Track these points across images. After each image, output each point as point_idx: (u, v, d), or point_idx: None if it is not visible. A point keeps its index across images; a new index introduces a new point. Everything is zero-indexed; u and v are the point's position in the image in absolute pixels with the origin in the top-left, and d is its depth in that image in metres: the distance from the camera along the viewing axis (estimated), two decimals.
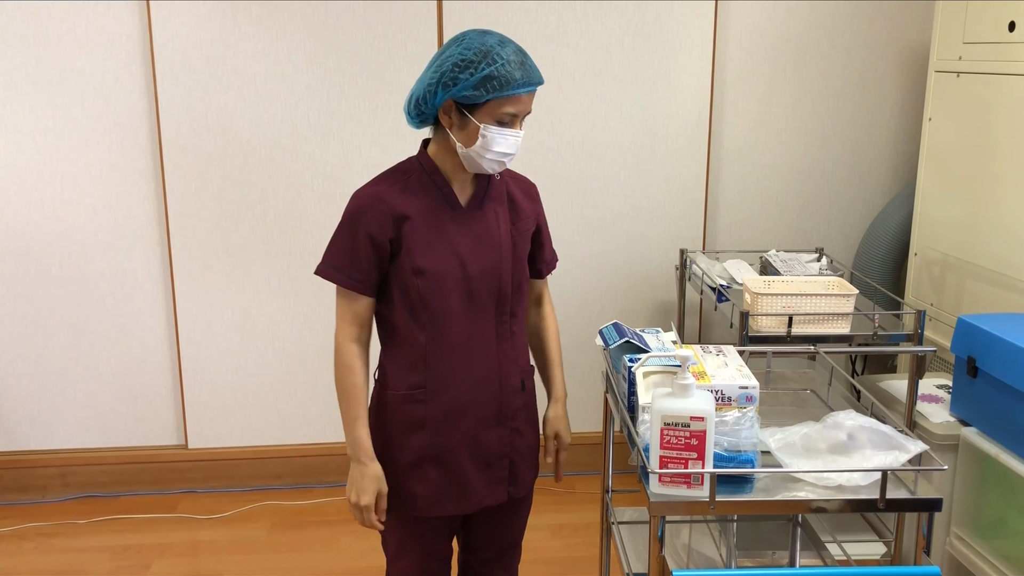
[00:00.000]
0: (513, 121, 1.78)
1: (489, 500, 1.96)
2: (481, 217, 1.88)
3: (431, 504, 1.92)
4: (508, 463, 1.97)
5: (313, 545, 3.13)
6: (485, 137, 1.76)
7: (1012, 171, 2.64)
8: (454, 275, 1.84)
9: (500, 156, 1.79)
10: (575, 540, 3.14)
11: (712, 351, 1.94)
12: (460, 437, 1.91)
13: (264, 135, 3.25)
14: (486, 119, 1.76)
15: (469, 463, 1.92)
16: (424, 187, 1.86)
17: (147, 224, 3.30)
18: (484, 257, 1.87)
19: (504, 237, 1.89)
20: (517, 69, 1.74)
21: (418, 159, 1.89)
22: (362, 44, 3.22)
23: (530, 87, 1.76)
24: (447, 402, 1.89)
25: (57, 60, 3.15)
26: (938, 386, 2.75)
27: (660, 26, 3.30)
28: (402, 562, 2.01)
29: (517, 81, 1.73)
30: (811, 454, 1.66)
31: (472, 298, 1.87)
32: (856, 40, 3.41)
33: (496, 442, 1.95)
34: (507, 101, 1.75)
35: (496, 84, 1.72)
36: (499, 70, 1.72)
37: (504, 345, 1.93)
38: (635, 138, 3.39)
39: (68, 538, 3.19)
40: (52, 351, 3.37)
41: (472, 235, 1.87)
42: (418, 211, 1.83)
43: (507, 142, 1.78)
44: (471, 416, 1.91)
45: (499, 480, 1.97)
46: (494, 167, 1.82)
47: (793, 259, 3.07)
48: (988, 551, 2.33)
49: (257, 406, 3.47)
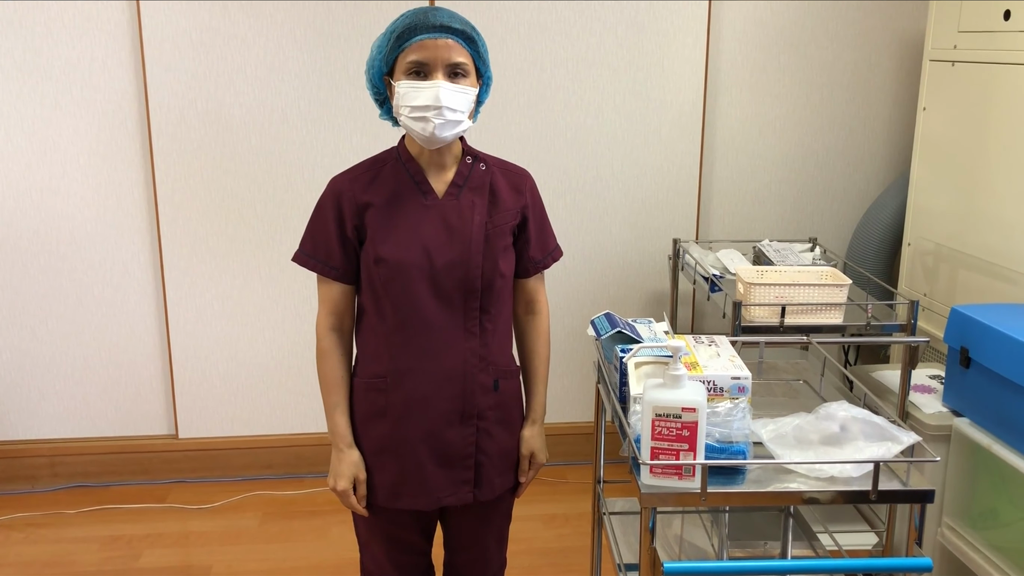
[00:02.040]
0: (427, 72, 1.71)
1: (452, 500, 1.90)
2: (455, 207, 1.82)
3: (389, 495, 1.89)
4: (473, 463, 1.90)
5: (304, 535, 3.12)
6: (399, 93, 1.72)
7: (1006, 161, 2.63)
8: (418, 265, 1.79)
9: (418, 112, 1.71)
10: (566, 530, 3.14)
11: (704, 341, 1.93)
12: (419, 431, 1.85)
13: (254, 124, 3.23)
14: (400, 77, 1.73)
15: (428, 458, 1.86)
16: (396, 175, 1.83)
17: (136, 213, 3.28)
18: (453, 249, 1.80)
19: (476, 229, 1.81)
20: (417, 16, 1.71)
21: (396, 148, 1.88)
22: (353, 32, 3.19)
23: (435, 33, 1.69)
24: (407, 393, 1.84)
25: (45, 48, 3.12)
26: (931, 376, 2.75)
27: (654, 15, 3.28)
28: (371, 549, 2.01)
29: (416, 27, 1.70)
30: (803, 445, 1.65)
31: (438, 291, 1.81)
32: (850, 29, 3.40)
33: (459, 440, 1.88)
34: (411, 50, 1.71)
35: (397, 37, 1.72)
36: (399, 23, 1.73)
37: (472, 342, 1.85)
38: (628, 127, 3.37)
39: (57, 528, 3.18)
40: (41, 340, 3.35)
41: (442, 225, 1.81)
42: (384, 199, 1.80)
43: (421, 95, 1.70)
44: (432, 410, 1.85)
45: (463, 481, 1.90)
46: (423, 129, 1.72)
47: (786, 249, 3.06)
48: (980, 542, 2.33)
49: (248, 396, 3.46)
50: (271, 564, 2.96)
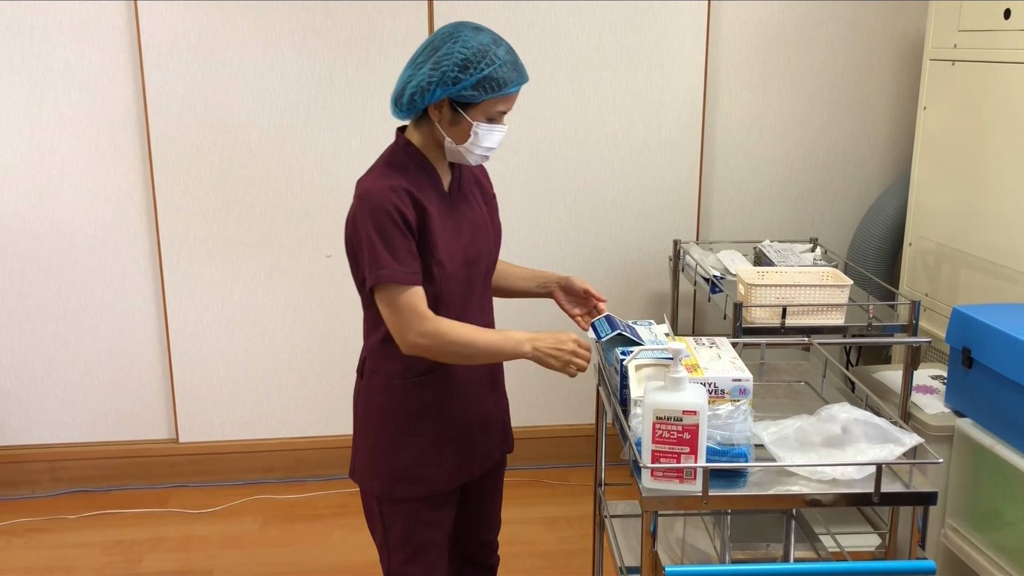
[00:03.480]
0: (500, 117, 1.86)
1: (489, 462, 2.07)
2: (466, 201, 1.96)
3: (450, 478, 1.98)
4: (501, 425, 2.10)
5: (305, 539, 3.12)
6: (477, 134, 1.83)
7: (1007, 160, 2.63)
8: (457, 260, 1.89)
9: (487, 151, 1.87)
10: (568, 533, 3.13)
11: (705, 343, 1.92)
12: (465, 411, 1.98)
13: (253, 126, 3.22)
14: (479, 117, 1.82)
15: (473, 432, 2.01)
16: (424, 179, 1.87)
17: (136, 217, 3.28)
18: (480, 239, 1.95)
19: (486, 217, 1.99)
20: (512, 70, 1.81)
21: (406, 152, 1.88)
22: (352, 34, 3.19)
23: (520, 86, 1.84)
24: (451, 382, 1.94)
25: (44, 51, 3.12)
26: (933, 377, 2.74)
27: (653, 15, 3.28)
28: (430, 553, 1.99)
29: (512, 81, 1.81)
30: (805, 447, 1.64)
31: (468, 279, 1.93)
32: (851, 28, 3.39)
33: (493, 407, 2.07)
34: (500, 100, 1.82)
35: (493, 85, 1.78)
36: (496, 71, 1.78)
37: (487, 316, 2.03)
38: (628, 128, 3.37)
39: (58, 533, 3.17)
40: (41, 345, 3.34)
41: (466, 220, 1.93)
42: (428, 203, 1.85)
43: (494, 137, 1.86)
44: (472, 389, 1.99)
45: (499, 442, 2.10)
46: (478, 160, 1.89)
47: (787, 249, 3.05)
48: (983, 542, 2.32)
49: (248, 399, 3.45)
50: (272, 568, 2.96)
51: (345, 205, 3.28)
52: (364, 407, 1.97)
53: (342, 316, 3.40)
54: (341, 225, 3.31)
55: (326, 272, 3.36)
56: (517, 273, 2.16)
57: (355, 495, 3.40)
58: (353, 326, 3.42)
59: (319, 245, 3.34)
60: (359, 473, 2.00)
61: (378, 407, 1.94)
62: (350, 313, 3.39)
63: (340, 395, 3.47)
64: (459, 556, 2.19)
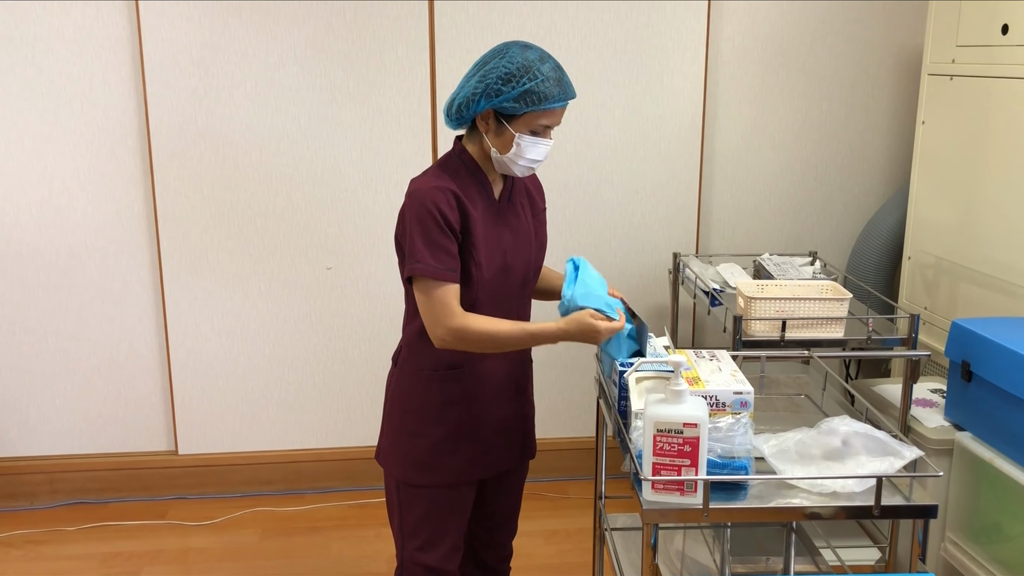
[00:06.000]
0: (545, 132, 1.92)
1: (507, 464, 2.13)
2: (513, 211, 2.04)
3: (466, 470, 2.05)
4: (522, 431, 2.16)
5: (304, 552, 3.11)
6: (519, 145, 1.90)
7: (1005, 174, 2.64)
8: (495, 265, 1.96)
9: (531, 163, 1.94)
10: (568, 546, 3.12)
11: (705, 356, 1.93)
12: (488, 409, 2.05)
13: (253, 139, 3.23)
14: (521, 129, 1.89)
15: (494, 431, 2.07)
16: (474, 185, 1.96)
17: (136, 228, 3.28)
18: (521, 249, 2.02)
19: (531, 229, 2.07)
20: (555, 85, 1.87)
21: (459, 158, 1.98)
22: (353, 47, 3.20)
23: (564, 102, 1.90)
24: (479, 379, 2.02)
25: (45, 63, 3.13)
26: (932, 390, 2.74)
27: (652, 28, 3.29)
28: (445, 542, 2.07)
29: (554, 96, 1.87)
30: (805, 460, 1.65)
31: (504, 285, 2.00)
32: (849, 43, 3.41)
33: (516, 412, 2.12)
34: (543, 114, 1.89)
35: (535, 98, 1.86)
36: (539, 86, 1.85)
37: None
38: (628, 141, 3.38)
39: (57, 545, 3.16)
40: (41, 356, 3.34)
41: (510, 229, 2.01)
42: (477, 207, 1.94)
43: (538, 150, 1.93)
44: (498, 390, 2.06)
45: (520, 445, 2.16)
46: (524, 171, 1.97)
47: (786, 263, 3.06)
48: (983, 556, 2.32)
49: (248, 412, 3.45)
50: None
51: (346, 218, 3.30)
52: (394, 393, 2.09)
53: (342, 328, 3.40)
54: (341, 238, 3.32)
55: (326, 284, 3.36)
56: (558, 277, 2.22)
57: (354, 508, 3.41)
58: (353, 339, 3.43)
59: (320, 257, 3.34)
60: (383, 455, 2.11)
61: (406, 394, 2.05)
62: (350, 325, 3.40)
63: (340, 407, 3.47)
64: (472, 559, 2.25)
